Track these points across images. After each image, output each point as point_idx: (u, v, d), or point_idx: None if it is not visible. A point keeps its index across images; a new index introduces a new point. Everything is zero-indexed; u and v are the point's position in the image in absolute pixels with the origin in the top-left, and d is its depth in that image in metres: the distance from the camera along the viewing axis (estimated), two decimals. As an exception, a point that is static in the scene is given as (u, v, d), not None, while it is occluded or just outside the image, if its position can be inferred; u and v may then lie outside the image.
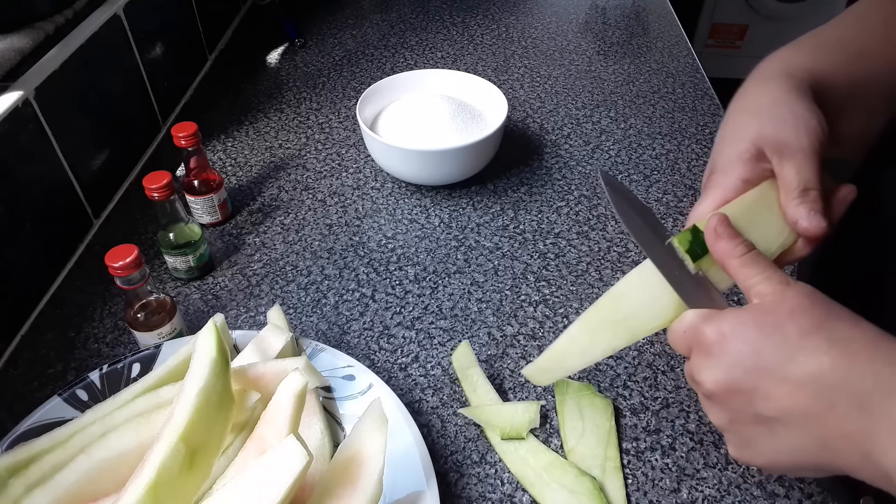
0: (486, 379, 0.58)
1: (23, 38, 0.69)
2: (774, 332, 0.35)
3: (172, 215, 0.65)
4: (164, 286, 0.69)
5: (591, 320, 0.44)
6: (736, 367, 0.36)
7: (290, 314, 0.67)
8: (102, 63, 0.78)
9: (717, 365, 0.37)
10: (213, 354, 0.45)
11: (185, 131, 0.69)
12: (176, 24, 0.97)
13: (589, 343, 0.44)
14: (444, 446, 0.55)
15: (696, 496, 0.52)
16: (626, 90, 0.99)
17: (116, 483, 0.44)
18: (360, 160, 0.87)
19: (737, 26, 2.56)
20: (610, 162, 0.85)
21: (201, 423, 0.42)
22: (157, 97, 0.91)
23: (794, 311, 0.35)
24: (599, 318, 0.44)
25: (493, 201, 0.80)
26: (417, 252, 0.73)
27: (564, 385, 0.58)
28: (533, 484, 0.51)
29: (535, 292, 0.68)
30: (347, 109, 0.97)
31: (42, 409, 0.51)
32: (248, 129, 0.93)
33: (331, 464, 0.46)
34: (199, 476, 0.43)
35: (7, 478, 0.44)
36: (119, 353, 0.63)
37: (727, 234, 0.40)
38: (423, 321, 0.66)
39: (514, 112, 0.95)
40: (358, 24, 1.20)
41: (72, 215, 0.73)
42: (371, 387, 0.54)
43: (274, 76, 1.05)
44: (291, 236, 0.75)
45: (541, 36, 1.14)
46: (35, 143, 0.66)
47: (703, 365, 0.38)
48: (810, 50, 0.48)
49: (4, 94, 0.63)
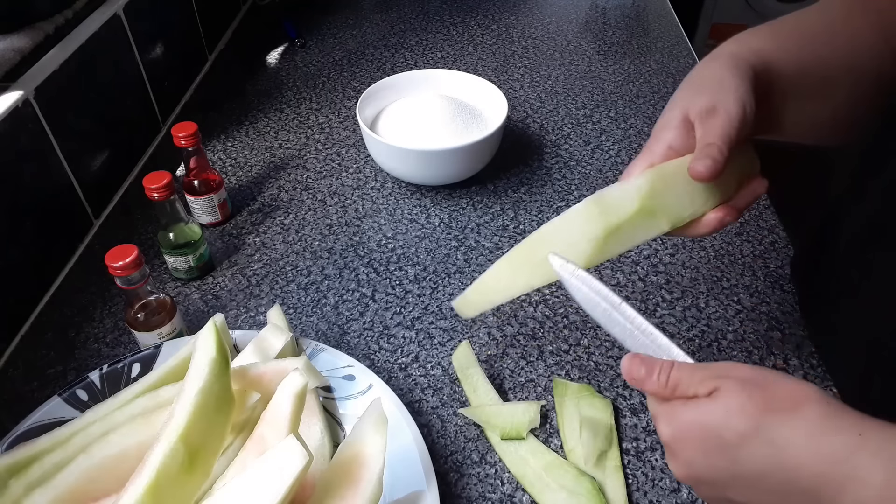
0: (486, 379, 0.58)
1: (23, 38, 0.69)
2: (715, 439, 0.36)
3: (172, 215, 0.65)
4: (164, 286, 0.69)
5: (516, 258, 0.47)
6: (693, 468, 0.38)
7: (290, 314, 0.67)
8: (102, 63, 0.78)
9: (677, 463, 0.39)
10: (213, 354, 0.45)
11: (185, 131, 0.69)
12: (176, 24, 0.97)
13: (510, 279, 0.47)
14: (444, 446, 0.55)
15: (696, 496, 0.52)
16: (626, 90, 0.99)
17: (116, 483, 0.44)
18: (360, 160, 0.87)
19: (737, 26, 2.55)
20: (610, 162, 0.85)
21: (201, 423, 0.42)
22: (157, 97, 0.91)
23: (729, 413, 0.35)
24: (523, 256, 0.47)
25: (493, 201, 0.80)
26: (417, 252, 0.73)
27: (563, 386, 0.58)
28: (532, 484, 0.51)
29: (535, 292, 0.68)
30: (347, 109, 0.97)
31: (42, 409, 0.51)
32: (248, 129, 0.93)
33: (331, 464, 0.46)
34: (199, 476, 0.43)
35: (7, 478, 0.44)
36: (119, 353, 0.63)
37: (644, 376, 0.39)
38: (423, 321, 0.66)
39: (514, 112, 0.95)
40: (358, 24, 1.20)
41: (72, 215, 0.73)
42: (371, 387, 0.54)
43: (274, 76, 1.05)
44: (291, 236, 0.75)
45: (541, 36, 1.14)
46: (35, 143, 0.66)
47: (668, 454, 0.40)
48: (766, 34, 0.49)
49: (4, 94, 0.63)
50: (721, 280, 0.69)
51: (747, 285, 0.68)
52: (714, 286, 0.68)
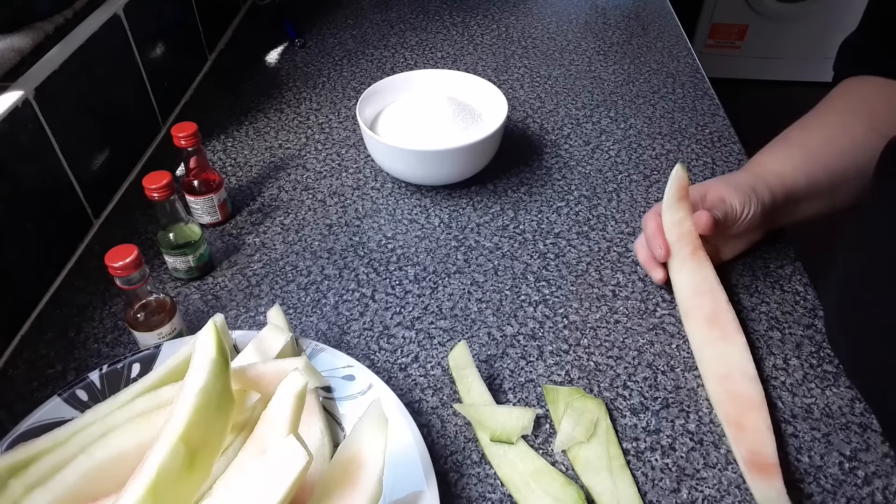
0: (481, 381, 0.58)
1: (23, 38, 0.69)
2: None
3: (172, 215, 0.65)
4: (164, 286, 0.69)
5: None
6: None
7: (290, 314, 0.67)
8: (102, 63, 0.78)
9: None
10: (213, 354, 0.45)
11: (185, 131, 0.69)
12: (176, 24, 0.97)
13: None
14: (443, 446, 0.55)
15: (696, 496, 0.52)
16: (626, 90, 0.99)
17: (116, 483, 0.44)
18: (360, 160, 0.87)
19: (737, 26, 2.56)
20: (610, 162, 0.85)
21: (201, 423, 0.42)
22: (157, 97, 0.91)
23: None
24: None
25: (493, 201, 0.80)
26: (417, 252, 0.73)
27: (554, 392, 0.58)
28: (518, 489, 0.51)
29: (535, 292, 0.68)
30: (347, 109, 0.97)
31: (42, 409, 0.51)
32: (248, 129, 0.93)
33: (331, 464, 0.46)
34: (199, 476, 0.43)
35: (7, 478, 0.44)
36: (119, 353, 0.63)
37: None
38: (423, 321, 0.66)
39: (514, 112, 0.95)
40: (358, 23, 1.20)
41: (72, 215, 0.73)
42: (371, 387, 0.54)
43: (274, 76, 1.05)
44: (291, 236, 0.75)
45: (541, 36, 1.14)
46: (35, 143, 0.66)
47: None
48: (782, 157, 0.66)
49: (4, 94, 0.63)
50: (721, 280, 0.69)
51: (747, 285, 0.68)
52: (714, 286, 0.68)
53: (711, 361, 0.58)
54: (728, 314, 0.60)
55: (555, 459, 0.54)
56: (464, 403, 0.57)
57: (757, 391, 0.55)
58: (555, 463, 0.54)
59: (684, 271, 0.62)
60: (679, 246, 0.62)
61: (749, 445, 0.52)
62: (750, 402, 0.54)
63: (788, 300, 0.67)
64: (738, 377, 0.56)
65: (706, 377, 0.58)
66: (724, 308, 0.60)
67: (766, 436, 0.52)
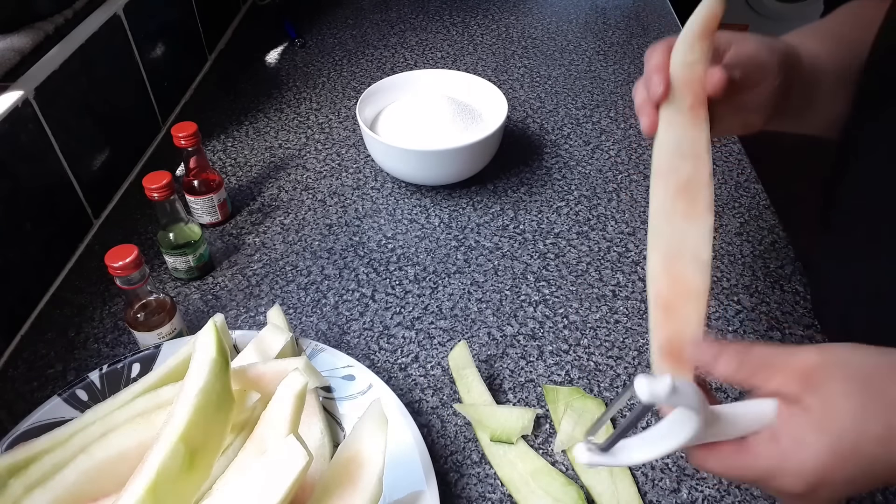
0: (481, 381, 0.58)
1: (23, 38, 0.69)
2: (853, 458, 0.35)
3: (172, 215, 0.65)
4: (164, 286, 0.69)
5: None
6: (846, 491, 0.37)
7: (290, 314, 0.67)
8: (102, 63, 0.78)
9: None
10: (213, 354, 0.45)
11: (185, 131, 0.69)
12: (176, 24, 0.97)
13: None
14: (443, 446, 0.55)
15: (696, 496, 0.52)
16: (626, 90, 0.99)
17: (116, 483, 0.44)
18: (360, 160, 0.87)
19: (737, 26, 2.56)
20: (610, 162, 0.85)
21: (201, 423, 0.42)
22: (157, 97, 0.91)
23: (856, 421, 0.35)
24: None
25: (493, 201, 0.80)
26: (417, 252, 0.73)
27: (554, 392, 0.58)
28: (518, 489, 0.51)
29: (535, 292, 0.68)
30: (347, 109, 0.97)
31: (42, 409, 0.51)
32: (248, 129, 0.93)
33: (331, 464, 0.46)
34: (199, 476, 0.43)
35: (7, 478, 0.44)
36: (119, 353, 0.63)
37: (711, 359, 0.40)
38: (423, 321, 0.66)
39: (514, 112, 0.95)
40: (358, 23, 1.20)
41: (72, 215, 0.73)
42: (371, 387, 0.54)
43: (274, 76, 1.05)
44: (291, 236, 0.75)
45: (541, 36, 1.14)
46: (35, 143, 0.66)
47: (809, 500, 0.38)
48: (792, 35, 0.59)
49: (4, 94, 0.63)
50: (721, 280, 0.69)
51: (747, 285, 0.68)
52: (714, 286, 0.68)
53: (665, 235, 0.49)
54: (706, 189, 0.49)
55: (555, 459, 0.54)
56: (464, 403, 0.57)
57: (702, 280, 0.47)
58: (555, 463, 0.54)
59: (675, 125, 0.52)
60: (679, 94, 0.52)
61: (671, 334, 0.44)
62: (690, 290, 0.46)
63: (788, 300, 0.67)
64: (689, 259, 0.48)
65: (652, 249, 0.49)
66: (703, 181, 0.50)
67: (694, 329, 0.44)
